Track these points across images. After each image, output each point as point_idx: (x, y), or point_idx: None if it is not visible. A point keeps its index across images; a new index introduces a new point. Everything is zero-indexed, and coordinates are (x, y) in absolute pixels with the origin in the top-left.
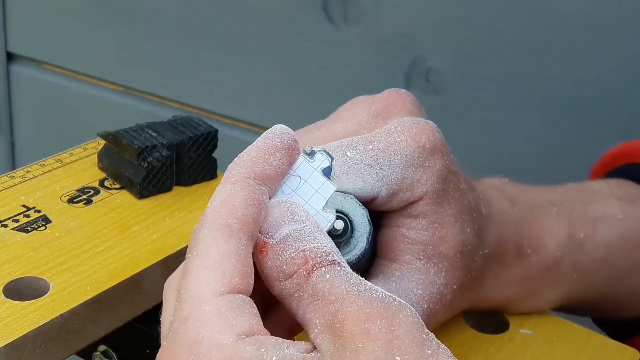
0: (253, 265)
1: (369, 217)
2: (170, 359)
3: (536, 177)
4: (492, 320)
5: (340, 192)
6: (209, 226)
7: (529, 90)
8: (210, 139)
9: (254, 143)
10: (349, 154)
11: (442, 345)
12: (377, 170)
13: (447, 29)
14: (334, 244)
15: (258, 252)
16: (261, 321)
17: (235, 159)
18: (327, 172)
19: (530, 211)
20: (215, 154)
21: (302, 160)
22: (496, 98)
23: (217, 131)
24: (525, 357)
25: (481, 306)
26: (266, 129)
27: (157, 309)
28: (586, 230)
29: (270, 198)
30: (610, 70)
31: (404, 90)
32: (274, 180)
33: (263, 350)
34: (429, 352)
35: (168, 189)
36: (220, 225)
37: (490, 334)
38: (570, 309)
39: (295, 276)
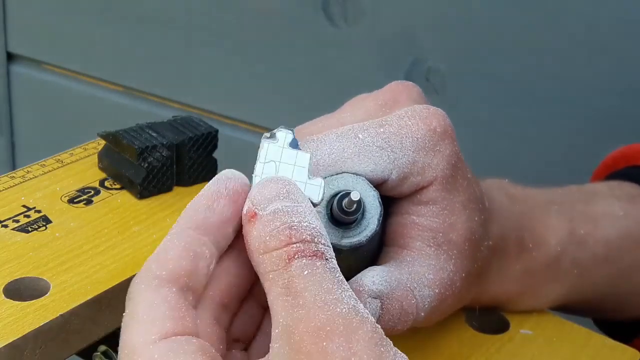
0: (190, 309)
1: (379, 199)
2: None
3: (536, 176)
4: (492, 320)
5: (351, 173)
6: (138, 281)
7: (529, 90)
8: (210, 139)
9: (202, 190)
10: (360, 135)
11: (399, 354)
12: (389, 153)
13: (447, 29)
14: (324, 228)
15: (247, 221)
16: (206, 355)
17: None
18: (295, 144)
19: (530, 208)
20: (215, 154)
21: (266, 146)
22: (496, 98)
23: (217, 131)
24: (525, 357)
25: (483, 300)
26: (266, 129)
27: None
28: (587, 228)
29: (216, 248)
30: (611, 71)
31: (409, 82)
32: (216, 229)
33: None
34: None
35: (168, 189)
36: (149, 278)
37: (490, 334)
38: (571, 308)
39: (274, 253)
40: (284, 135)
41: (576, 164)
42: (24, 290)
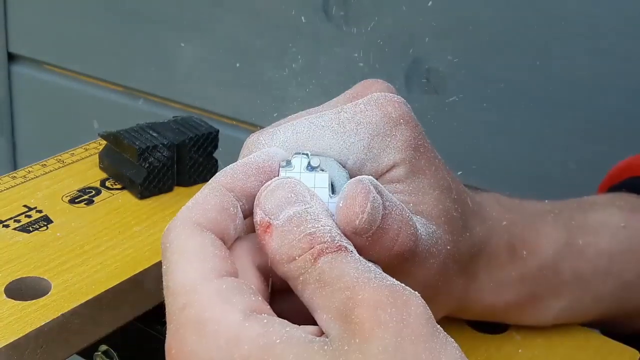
0: (230, 257)
1: (349, 178)
2: (178, 343)
3: (536, 176)
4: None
5: (321, 156)
6: (178, 228)
7: (529, 90)
8: (210, 139)
9: (251, 157)
10: (314, 121)
11: (449, 338)
12: (344, 137)
13: (447, 29)
14: (336, 226)
15: (262, 232)
16: (261, 298)
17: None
18: (311, 168)
19: (524, 217)
20: (216, 154)
21: (284, 174)
22: (496, 98)
23: (217, 131)
24: (525, 357)
25: (479, 309)
26: None
27: (158, 309)
28: (586, 238)
29: (244, 216)
30: (612, 71)
31: (380, 79)
32: (250, 199)
33: (270, 329)
34: (438, 343)
35: (169, 189)
36: (190, 224)
37: (490, 334)
38: (578, 324)
39: (299, 259)
40: (299, 160)
41: (576, 164)
42: (25, 290)
